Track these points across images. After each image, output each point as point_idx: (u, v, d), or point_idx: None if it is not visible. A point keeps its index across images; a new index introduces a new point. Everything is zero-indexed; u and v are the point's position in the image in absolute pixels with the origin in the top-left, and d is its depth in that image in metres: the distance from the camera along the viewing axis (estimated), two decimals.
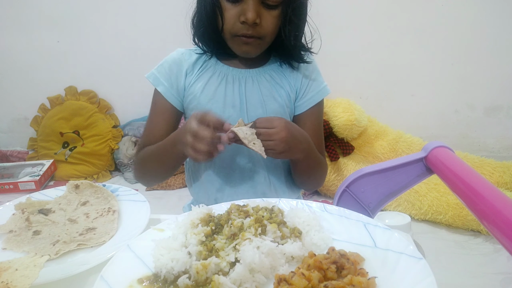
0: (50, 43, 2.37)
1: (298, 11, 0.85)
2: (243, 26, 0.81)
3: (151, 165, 0.92)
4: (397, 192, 0.75)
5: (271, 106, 0.91)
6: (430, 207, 1.73)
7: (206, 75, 0.92)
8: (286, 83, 0.93)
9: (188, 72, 0.93)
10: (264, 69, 0.93)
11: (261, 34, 0.83)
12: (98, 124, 2.38)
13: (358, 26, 2.19)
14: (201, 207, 0.65)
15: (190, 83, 0.92)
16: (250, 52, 0.86)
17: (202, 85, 0.91)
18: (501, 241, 0.43)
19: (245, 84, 0.91)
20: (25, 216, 0.74)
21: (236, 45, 0.86)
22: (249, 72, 0.92)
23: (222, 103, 0.90)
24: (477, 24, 2.12)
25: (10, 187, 2.13)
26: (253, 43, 0.84)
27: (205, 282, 0.51)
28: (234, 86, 0.90)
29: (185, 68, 0.93)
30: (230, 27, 0.82)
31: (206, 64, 0.93)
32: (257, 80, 0.91)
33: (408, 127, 2.18)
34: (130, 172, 2.32)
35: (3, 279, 0.51)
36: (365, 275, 0.48)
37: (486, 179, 0.54)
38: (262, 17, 0.80)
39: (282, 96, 0.92)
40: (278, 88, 0.92)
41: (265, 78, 0.92)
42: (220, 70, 0.92)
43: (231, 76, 0.91)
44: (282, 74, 0.93)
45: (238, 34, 0.82)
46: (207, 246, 0.56)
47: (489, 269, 1.42)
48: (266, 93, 0.91)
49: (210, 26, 0.86)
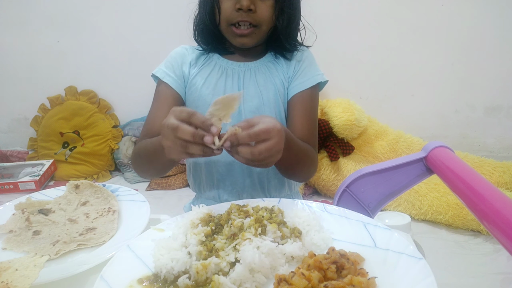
0: (50, 43, 2.36)
1: (290, 1, 0.90)
2: (238, 13, 0.85)
3: (143, 160, 0.90)
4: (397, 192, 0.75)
5: (266, 96, 0.94)
6: (430, 207, 1.73)
7: (208, 69, 0.96)
8: (280, 71, 0.97)
9: (192, 64, 0.97)
10: (261, 61, 0.97)
11: (257, 22, 0.87)
12: (98, 124, 2.38)
13: (358, 27, 2.19)
14: (201, 207, 0.65)
15: (193, 74, 0.96)
16: (246, 42, 0.90)
17: (204, 77, 0.95)
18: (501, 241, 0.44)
19: (244, 76, 0.95)
20: (25, 216, 0.74)
21: (232, 35, 0.90)
22: (247, 65, 0.96)
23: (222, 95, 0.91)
24: (477, 24, 2.12)
25: (10, 187, 2.13)
26: (248, 34, 0.88)
27: (205, 282, 0.51)
28: (234, 79, 0.95)
29: (189, 60, 0.97)
30: (227, 16, 0.87)
31: (208, 59, 0.98)
32: (254, 72, 0.96)
33: (408, 127, 2.18)
34: (130, 172, 2.32)
35: (3, 279, 0.51)
36: (365, 275, 0.48)
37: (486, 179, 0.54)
38: (257, 6, 0.86)
39: (276, 84, 0.95)
40: (273, 77, 0.95)
41: (261, 70, 0.96)
42: (221, 64, 0.96)
43: (231, 70, 0.96)
44: (277, 64, 0.97)
45: (234, 21, 0.87)
46: (207, 246, 0.56)
47: (489, 269, 1.42)
48: (262, 84, 0.94)
49: (209, 20, 0.91)
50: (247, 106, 0.93)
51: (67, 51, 2.38)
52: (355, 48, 2.23)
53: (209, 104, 0.92)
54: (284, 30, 0.91)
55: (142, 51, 2.30)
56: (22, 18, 2.33)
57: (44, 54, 2.39)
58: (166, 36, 2.09)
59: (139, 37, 2.31)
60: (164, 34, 2.17)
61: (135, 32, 2.31)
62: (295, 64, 0.97)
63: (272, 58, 0.98)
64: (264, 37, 0.92)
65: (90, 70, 2.40)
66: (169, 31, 2.08)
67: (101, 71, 2.40)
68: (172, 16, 2.08)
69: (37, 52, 2.39)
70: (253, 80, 0.95)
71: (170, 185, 2.18)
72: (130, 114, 2.44)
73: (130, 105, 2.40)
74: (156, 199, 2.04)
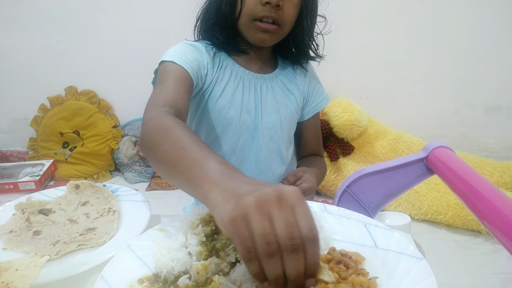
0: (50, 43, 2.36)
1: (313, 4, 0.87)
2: (264, 8, 0.79)
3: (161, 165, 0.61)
4: (398, 192, 0.75)
5: (283, 112, 0.92)
6: (430, 207, 1.73)
7: (225, 77, 0.90)
8: (295, 89, 0.95)
9: (209, 67, 0.87)
10: (276, 74, 0.94)
11: (281, 20, 0.82)
12: (98, 124, 2.38)
13: (358, 26, 2.19)
14: (202, 207, 0.65)
15: (210, 82, 0.88)
16: (266, 40, 0.85)
17: (221, 88, 0.89)
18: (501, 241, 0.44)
19: (260, 90, 0.91)
20: (25, 216, 0.74)
21: (253, 31, 0.84)
22: (264, 77, 0.92)
23: (239, 108, 0.89)
24: (477, 24, 2.12)
25: (10, 187, 2.13)
26: (272, 31, 0.83)
27: (206, 282, 0.51)
28: (250, 91, 0.90)
29: (205, 60, 0.87)
30: (251, 9, 0.81)
31: (223, 63, 0.91)
32: (271, 86, 0.92)
33: (408, 127, 2.18)
34: (130, 172, 2.32)
35: (4, 279, 0.51)
36: (366, 275, 0.48)
37: (486, 179, 0.54)
38: (284, 2, 0.80)
39: (293, 102, 0.94)
40: (289, 94, 0.94)
41: (278, 85, 0.93)
42: (237, 72, 0.91)
43: (247, 80, 0.91)
44: (292, 80, 0.95)
45: (258, 16, 0.81)
46: (208, 246, 0.56)
47: (489, 269, 1.42)
48: (279, 100, 0.92)
49: (224, 14, 0.83)
50: (265, 121, 0.91)
51: (67, 51, 2.38)
52: (355, 48, 2.23)
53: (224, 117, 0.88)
54: (306, 34, 0.87)
55: (143, 51, 2.30)
56: (22, 18, 2.33)
57: (44, 54, 2.39)
58: (167, 36, 2.08)
59: (140, 37, 2.31)
60: (165, 34, 2.17)
61: (136, 32, 2.31)
62: (308, 85, 0.95)
63: (286, 72, 0.95)
64: (281, 39, 0.88)
65: (90, 70, 2.40)
66: (169, 31, 2.08)
67: (101, 71, 2.40)
68: (172, 16, 2.08)
69: (37, 52, 2.39)
70: (270, 95, 0.92)
71: (170, 185, 2.18)
72: (130, 114, 2.44)
73: (130, 105, 2.39)
74: (156, 199, 2.04)
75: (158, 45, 2.14)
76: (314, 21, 0.90)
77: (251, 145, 0.91)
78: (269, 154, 0.94)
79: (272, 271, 0.37)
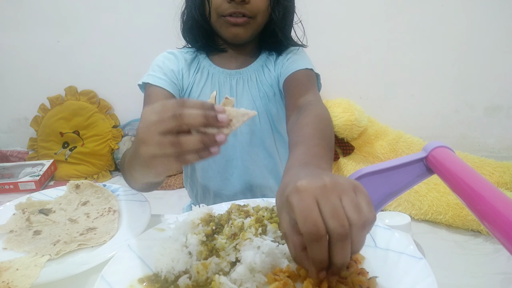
0: (50, 43, 2.36)
1: None
2: (230, 5, 0.80)
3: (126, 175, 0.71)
4: (397, 192, 0.75)
5: (259, 103, 0.91)
6: (430, 207, 1.73)
7: (202, 79, 0.91)
8: (267, 74, 0.92)
9: (184, 72, 0.91)
10: (252, 67, 0.92)
11: (252, 13, 0.81)
12: (98, 124, 2.38)
13: (358, 27, 2.19)
14: (202, 207, 0.65)
15: (187, 85, 0.91)
16: (239, 34, 0.84)
17: (199, 89, 0.90)
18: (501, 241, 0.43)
19: (236, 86, 0.91)
20: (25, 216, 0.74)
21: (225, 27, 0.84)
22: (239, 73, 0.91)
23: None
24: (477, 24, 2.12)
25: (10, 187, 2.13)
26: (243, 23, 0.82)
27: (206, 282, 0.51)
28: (225, 89, 0.90)
29: (180, 67, 0.91)
30: (218, 7, 0.81)
31: (198, 65, 0.92)
32: (246, 81, 0.91)
33: (408, 127, 2.18)
34: None
35: (4, 278, 0.51)
36: (365, 274, 0.48)
37: (486, 179, 0.54)
38: None
39: (266, 91, 0.91)
40: (263, 84, 0.91)
41: (252, 78, 0.91)
42: (213, 72, 0.91)
43: (223, 79, 0.91)
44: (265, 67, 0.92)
45: (226, 13, 0.81)
46: (208, 246, 0.56)
47: (489, 269, 1.42)
48: (255, 93, 0.91)
49: (199, 14, 0.85)
50: None
51: (67, 51, 2.38)
52: (355, 48, 2.23)
53: None
54: (280, 22, 0.86)
55: (143, 51, 2.29)
56: (22, 18, 2.33)
57: (44, 54, 2.39)
58: (166, 36, 2.06)
59: (140, 37, 2.31)
60: (165, 35, 2.15)
61: (136, 32, 2.31)
62: (285, 55, 0.91)
63: (263, 61, 0.93)
64: (259, 30, 0.87)
65: (90, 70, 2.40)
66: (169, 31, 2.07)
67: (101, 71, 2.40)
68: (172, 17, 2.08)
69: (37, 52, 2.39)
70: (246, 89, 0.91)
71: (170, 185, 2.19)
72: (130, 114, 2.44)
73: (130, 105, 2.39)
74: (156, 199, 2.04)
75: (158, 45, 2.14)
76: (290, 9, 0.88)
77: (234, 142, 0.91)
78: (252, 149, 0.93)
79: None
